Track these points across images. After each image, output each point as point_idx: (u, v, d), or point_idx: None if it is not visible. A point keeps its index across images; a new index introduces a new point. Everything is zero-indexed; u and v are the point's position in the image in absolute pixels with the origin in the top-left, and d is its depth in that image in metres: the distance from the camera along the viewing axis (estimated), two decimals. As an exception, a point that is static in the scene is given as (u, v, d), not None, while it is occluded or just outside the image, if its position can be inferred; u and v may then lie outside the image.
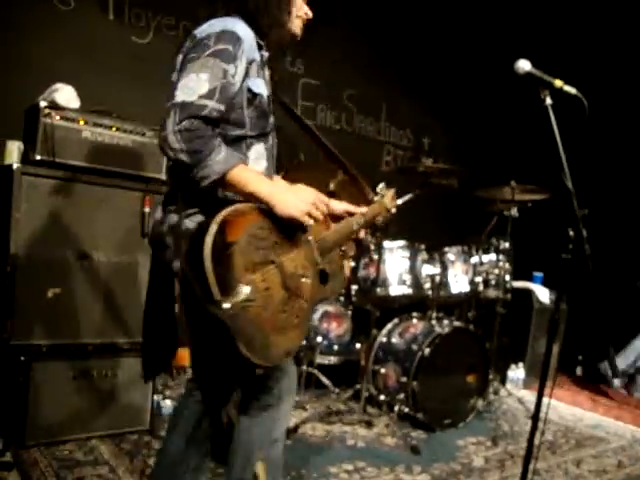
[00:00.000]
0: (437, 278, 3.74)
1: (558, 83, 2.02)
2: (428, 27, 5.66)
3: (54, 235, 2.81)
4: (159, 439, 3.00)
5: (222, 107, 1.62)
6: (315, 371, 3.87)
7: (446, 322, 3.77)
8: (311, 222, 1.70)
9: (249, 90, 1.73)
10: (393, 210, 2.32)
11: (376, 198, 2.30)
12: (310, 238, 1.80)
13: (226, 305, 1.48)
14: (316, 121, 5.10)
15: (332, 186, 3.60)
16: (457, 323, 3.79)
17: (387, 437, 3.39)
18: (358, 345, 3.96)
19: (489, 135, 6.10)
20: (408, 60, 5.61)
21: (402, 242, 3.80)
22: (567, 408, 4.55)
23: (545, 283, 4.96)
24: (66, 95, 2.89)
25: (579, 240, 1.96)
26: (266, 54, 1.86)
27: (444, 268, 3.78)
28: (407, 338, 3.75)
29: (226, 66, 1.63)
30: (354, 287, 3.84)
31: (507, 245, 4.00)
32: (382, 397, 3.69)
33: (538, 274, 5.11)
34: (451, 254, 3.81)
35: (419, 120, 5.76)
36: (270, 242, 1.65)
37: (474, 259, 3.89)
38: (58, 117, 2.81)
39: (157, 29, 4.21)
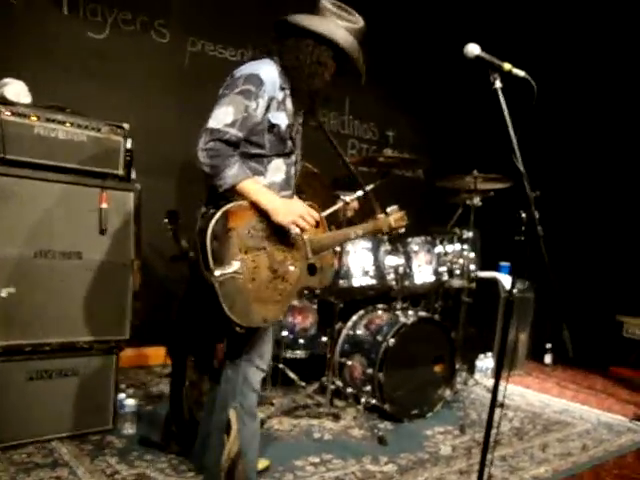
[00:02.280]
0: (401, 269, 3.74)
1: (507, 66, 2.03)
2: (388, 20, 5.66)
3: (8, 233, 2.74)
4: (122, 438, 2.96)
5: (241, 134, 2.12)
6: (281, 366, 3.85)
7: (411, 312, 3.77)
8: (297, 230, 2.20)
9: (269, 121, 2.20)
10: (401, 230, 2.74)
11: (381, 216, 2.67)
12: (305, 237, 2.29)
13: (217, 273, 1.96)
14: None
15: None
16: (422, 313, 3.80)
17: (354, 429, 3.38)
18: (324, 338, 3.94)
19: (453, 126, 6.14)
20: (371, 53, 5.60)
21: (364, 233, 3.79)
22: (535, 395, 4.61)
23: (512, 272, 4.99)
24: (16, 90, 2.82)
25: (531, 222, 1.97)
26: (288, 91, 2.28)
27: (408, 258, 3.78)
28: (372, 329, 3.75)
29: (248, 102, 2.12)
30: (317, 279, 3.82)
31: (471, 235, 4.02)
32: (349, 389, 3.69)
33: (505, 264, 5.16)
34: (414, 244, 3.80)
35: (383, 113, 5.77)
36: (266, 234, 2.15)
37: (438, 249, 3.89)
38: (8, 113, 2.74)
39: (114, 24, 4.16)
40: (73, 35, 3.97)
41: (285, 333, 3.92)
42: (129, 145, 3.08)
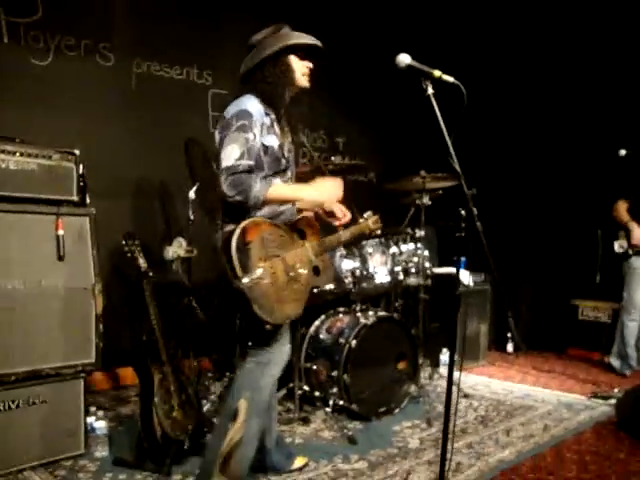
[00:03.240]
0: (357, 272, 3.83)
1: (437, 73, 2.15)
2: (332, 27, 5.75)
3: (-35, 266, 2.74)
4: (95, 461, 2.98)
5: (251, 162, 2.41)
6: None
7: (371, 313, 3.87)
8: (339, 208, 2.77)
9: (263, 144, 2.48)
10: (378, 231, 3.13)
11: (361, 220, 2.97)
12: (307, 244, 2.61)
13: (245, 280, 2.26)
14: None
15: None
16: (381, 313, 3.90)
17: (324, 431, 3.46)
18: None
19: (402, 128, 6.26)
20: (318, 62, 5.69)
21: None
22: (499, 383, 4.76)
23: (468, 267, 5.14)
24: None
25: (470, 218, 2.08)
26: (273, 116, 2.57)
27: (363, 261, 3.86)
28: (334, 332, 3.84)
29: (246, 135, 2.40)
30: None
31: (423, 233, 4.13)
32: (316, 393, 3.77)
33: (461, 259, 5.29)
34: (369, 247, 3.89)
35: (332, 121, 5.87)
36: (277, 243, 2.44)
37: (392, 249, 3.99)
38: (-43, 147, 2.75)
39: (57, 50, 4.15)
40: (16, 63, 3.95)
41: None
42: (81, 170, 3.10)
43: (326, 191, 2.59)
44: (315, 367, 3.80)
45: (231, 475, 2.45)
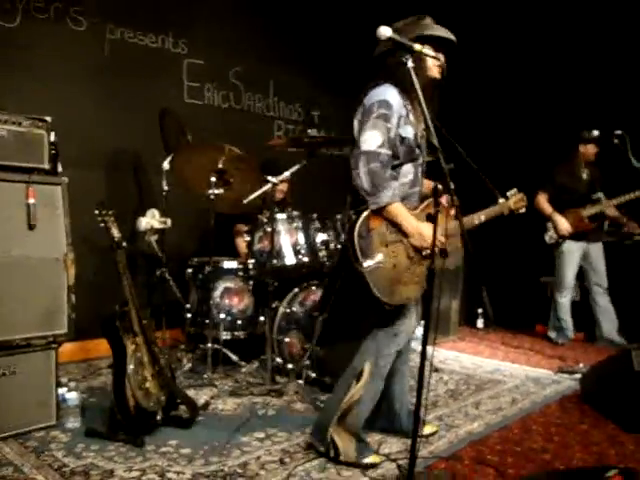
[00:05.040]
0: (331, 245, 3.84)
1: (417, 47, 2.15)
2: (307, 2, 5.72)
3: None
4: (67, 432, 2.96)
5: (390, 152, 2.53)
6: (221, 347, 3.92)
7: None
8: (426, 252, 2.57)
9: (400, 135, 2.57)
10: (521, 210, 2.98)
11: (501, 200, 2.92)
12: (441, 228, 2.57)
13: (365, 264, 2.43)
14: (204, 101, 5.07)
15: (221, 164, 3.65)
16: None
17: (297, 403, 3.49)
18: (262, 318, 4.03)
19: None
20: (294, 34, 5.65)
21: (294, 213, 3.89)
22: (469, 358, 4.84)
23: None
24: None
25: (449, 193, 2.09)
26: (410, 106, 2.61)
27: (337, 235, 3.88)
28: (307, 306, 3.85)
29: (387, 124, 2.50)
30: (251, 261, 3.89)
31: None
32: (289, 365, 3.80)
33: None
34: (343, 221, 3.88)
35: (308, 94, 5.83)
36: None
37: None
38: None
39: (25, 11, 4.03)
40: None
41: (223, 316, 3.99)
42: (53, 138, 3.03)
43: (421, 235, 2.54)
44: (288, 340, 3.83)
45: (346, 428, 2.66)
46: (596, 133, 4.95)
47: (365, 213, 2.49)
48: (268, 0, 5.45)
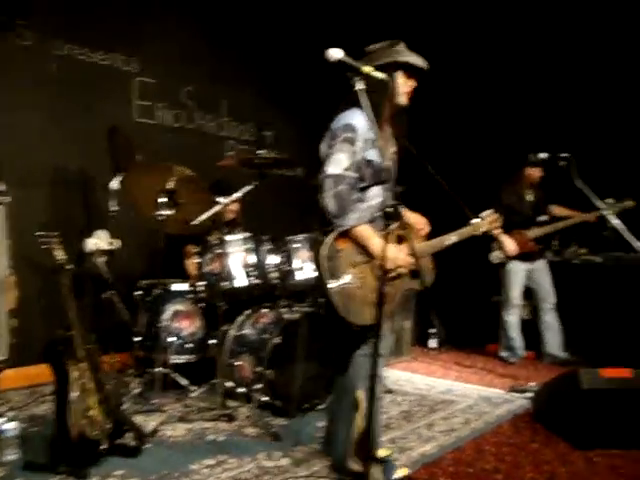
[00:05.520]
0: (282, 267, 3.81)
1: (366, 69, 2.15)
2: (264, 20, 5.72)
3: None
4: (5, 465, 2.81)
5: (356, 175, 2.57)
6: (170, 372, 3.82)
7: (296, 309, 3.85)
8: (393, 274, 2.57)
9: (366, 159, 2.59)
10: (495, 232, 3.04)
11: (474, 221, 2.96)
12: (407, 248, 2.58)
13: (332, 284, 2.45)
14: (154, 120, 5.00)
15: (171, 184, 3.59)
16: (306, 309, 3.88)
17: (248, 428, 3.42)
18: (212, 341, 3.95)
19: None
20: (247, 54, 5.63)
21: (245, 234, 3.85)
22: (422, 378, 4.84)
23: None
24: None
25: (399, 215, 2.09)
26: (376, 129, 2.54)
27: (289, 257, 3.85)
28: (258, 328, 3.80)
29: (352, 147, 2.54)
30: (201, 283, 3.82)
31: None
32: (240, 389, 3.72)
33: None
34: (295, 243, 3.87)
35: (261, 114, 5.78)
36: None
37: (319, 245, 3.98)
38: None
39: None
40: None
41: (172, 339, 3.90)
42: (-5, 157, 2.94)
43: (390, 257, 2.48)
44: (239, 363, 3.76)
45: (365, 455, 2.59)
46: (543, 156, 5.07)
47: (333, 234, 2.51)
48: (221, 20, 5.42)
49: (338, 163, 2.51)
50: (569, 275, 5.50)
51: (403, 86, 2.65)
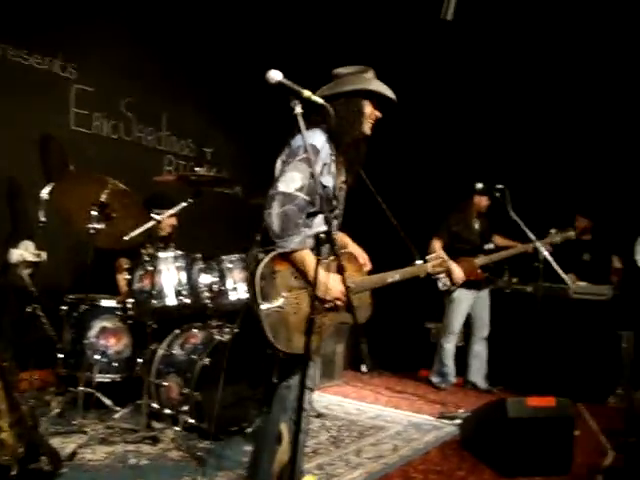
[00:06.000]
0: (215, 287, 3.75)
1: (306, 93, 2.14)
2: (208, 37, 5.66)
3: None
4: None
5: (308, 198, 2.45)
6: (93, 391, 3.67)
7: (227, 330, 3.79)
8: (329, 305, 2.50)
9: (321, 183, 2.48)
10: (440, 276, 3.11)
11: (418, 262, 2.96)
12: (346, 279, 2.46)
13: (263, 306, 2.34)
14: (91, 130, 4.86)
15: (104, 197, 3.49)
16: (237, 330, 3.81)
17: (172, 451, 3.31)
18: (140, 360, 3.83)
19: (272, 141, 6.19)
20: (189, 69, 5.56)
21: (177, 252, 3.78)
22: (352, 403, 4.82)
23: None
24: None
25: (331, 241, 2.09)
26: (334, 155, 2.59)
27: (222, 276, 3.79)
28: (188, 349, 3.71)
29: (310, 169, 2.36)
30: (130, 300, 3.71)
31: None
32: (166, 411, 3.62)
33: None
34: (228, 262, 3.82)
35: (201, 130, 5.72)
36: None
37: (252, 266, 3.94)
38: None
39: None
40: None
41: (98, 357, 3.76)
42: None
43: (326, 286, 2.44)
44: (166, 383, 3.65)
45: None
46: (480, 186, 5.18)
47: (272, 254, 2.40)
48: (166, 34, 5.34)
49: (291, 182, 2.41)
50: (501, 304, 5.62)
51: (370, 115, 2.64)
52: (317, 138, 2.53)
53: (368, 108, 2.63)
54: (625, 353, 5.07)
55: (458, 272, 5.20)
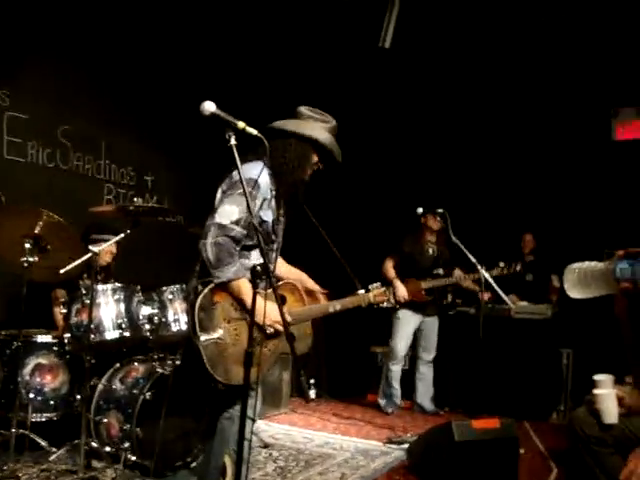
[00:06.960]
0: (156, 318, 3.67)
1: (241, 125, 2.14)
2: (148, 66, 5.60)
3: None
4: None
5: (244, 232, 2.50)
6: (27, 432, 3.50)
7: (169, 362, 3.70)
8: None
9: (260, 217, 2.55)
10: (383, 305, 3.13)
11: (360, 292, 2.99)
12: (285, 310, 2.38)
13: (202, 338, 2.36)
14: (26, 159, 4.71)
15: (37, 229, 3.38)
16: (179, 362, 3.72)
17: (113, 491, 3.20)
18: (78, 396, 3.69)
19: (213, 170, 6.15)
20: (129, 97, 5.48)
21: (116, 284, 3.69)
22: (300, 431, 4.76)
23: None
24: None
25: (268, 273, 2.06)
26: (275, 192, 2.65)
27: (163, 308, 3.73)
28: (128, 383, 3.60)
29: (248, 203, 2.32)
30: (67, 335, 3.59)
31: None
32: (107, 449, 3.48)
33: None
34: (169, 293, 3.76)
35: (141, 158, 5.62)
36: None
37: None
38: None
39: None
40: None
41: (32, 395, 3.60)
42: None
43: (264, 312, 2.42)
44: (106, 420, 3.53)
45: None
46: (420, 210, 5.24)
47: (211, 285, 2.43)
48: (103, 59, 5.25)
49: (228, 214, 2.45)
50: (445, 325, 5.68)
51: (312, 165, 2.70)
52: (258, 171, 2.55)
53: (315, 158, 2.70)
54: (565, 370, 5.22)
55: (402, 290, 5.30)
